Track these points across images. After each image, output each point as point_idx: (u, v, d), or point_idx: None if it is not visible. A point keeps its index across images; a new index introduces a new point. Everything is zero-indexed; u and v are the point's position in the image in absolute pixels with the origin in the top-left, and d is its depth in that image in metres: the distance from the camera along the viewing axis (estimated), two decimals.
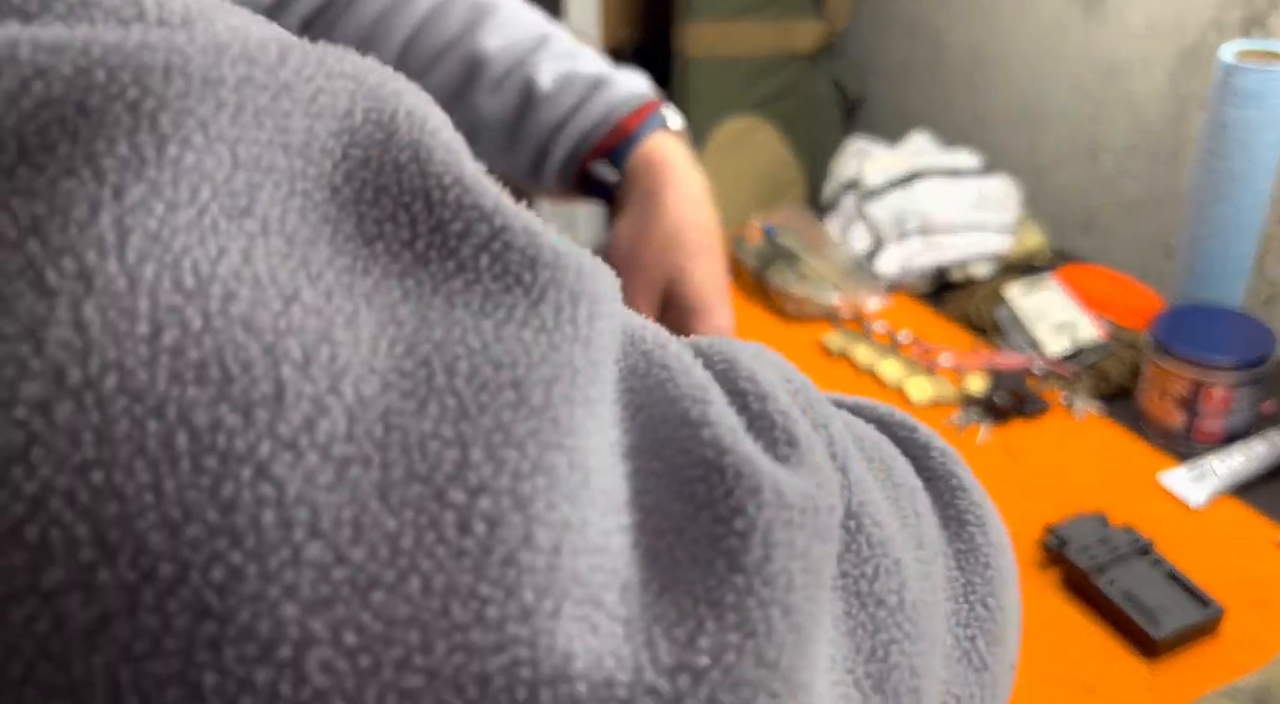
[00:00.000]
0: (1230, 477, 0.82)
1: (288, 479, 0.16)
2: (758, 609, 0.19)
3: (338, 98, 0.20)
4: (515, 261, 0.20)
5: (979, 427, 0.90)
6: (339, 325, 0.18)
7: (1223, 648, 0.70)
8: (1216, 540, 0.78)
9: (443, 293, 0.19)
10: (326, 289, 0.18)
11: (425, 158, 0.20)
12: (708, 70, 1.29)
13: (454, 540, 0.17)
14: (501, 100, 0.58)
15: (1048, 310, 0.99)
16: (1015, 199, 1.11)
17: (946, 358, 0.97)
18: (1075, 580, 0.73)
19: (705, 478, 0.20)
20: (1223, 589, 0.72)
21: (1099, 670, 0.69)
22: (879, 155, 1.17)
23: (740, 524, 0.19)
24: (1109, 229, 1.15)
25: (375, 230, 0.19)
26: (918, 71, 1.34)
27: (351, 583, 0.16)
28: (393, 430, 0.17)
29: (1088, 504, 0.80)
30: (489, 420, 0.18)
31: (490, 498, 0.17)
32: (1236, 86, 0.83)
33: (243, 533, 0.16)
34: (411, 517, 0.17)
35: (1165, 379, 0.85)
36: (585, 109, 0.56)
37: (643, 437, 0.21)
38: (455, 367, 0.18)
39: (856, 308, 1.05)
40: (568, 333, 0.20)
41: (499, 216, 0.20)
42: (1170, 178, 1.07)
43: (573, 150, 0.57)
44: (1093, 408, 0.91)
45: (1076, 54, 1.12)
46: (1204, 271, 0.91)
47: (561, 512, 0.18)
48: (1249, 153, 0.84)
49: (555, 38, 0.60)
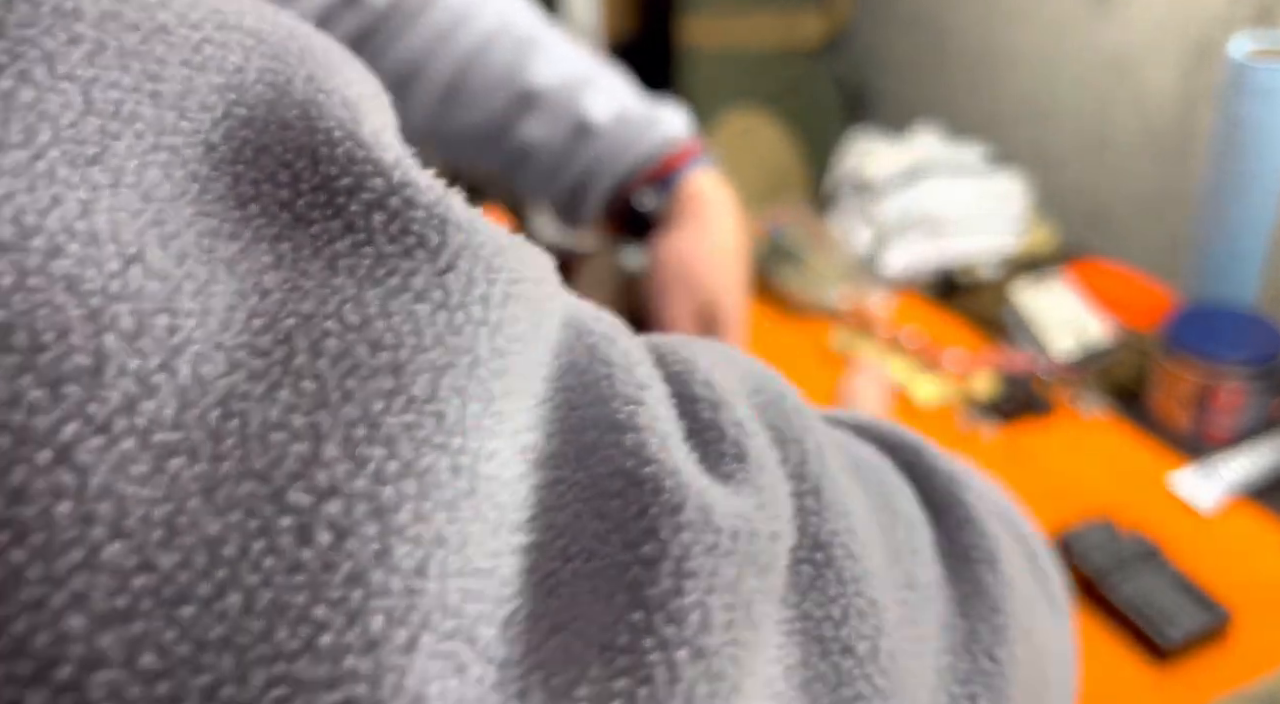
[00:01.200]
0: (1240, 478, 0.81)
1: (93, 467, 0.14)
2: (657, 651, 0.16)
3: (228, 51, 0.17)
4: (418, 220, 0.17)
5: (984, 427, 0.89)
6: (186, 293, 0.15)
7: (1232, 653, 0.69)
8: (1226, 543, 0.77)
9: (324, 257, 0.17)
10: (180, 252, 0.16)
11: (315, 114, 0.18)
12: (709, 64, 1.28)
13: (288, 551, 0.14)
14: (551, 131, 0.61)
15: (1055, 309, 0.97)
16: (1022, 196, 1.10)
17: (952, 357, 0.96)
18: (1082, 586, 0.73)
19: (621, 493, 0.17)
20: (1232, 592, 0.71)
21: (1107, 676, 0.68)
22: (883, 152, 1.16)
23: (649, 550, 0.17)
24: (1118, 225, 1.14)
25: (251, 191, 0.17)
26: (923, 66, 1.33)
27: (156, 594, 0.14)
28: (231, 417, 0.15)
29: (1095, 506, 0.79)
30: (353, 410, 0.15)
31: (340, 502, 0.15)
32: (1247, 84, 0.82)
33: (29, 527, 0.14)
34: (239, 519, 0.14)
35: (1174, 379, 0.84)
36: (639, 144, 0.60)
37: (567, 442, 0.18)
38: (321, 345, 0.16)
39: (860, 306, 1.04)
40: (474, 314, 0.17)
41: (399, 171, 0.17)
42: (1180, 174, 1.06)
43: (621, 180, 0.60)
44: (1100, 408, 0.90)
45: (1085, 48, 1.11)
46: (1214, 269, 0.90)
47: (433, 525, 0.15)
48: (1260, 151, 0.84)
49: (601, 73, 0.63)
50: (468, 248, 0.17)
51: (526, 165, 0.61)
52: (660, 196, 0.59)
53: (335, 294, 0.16)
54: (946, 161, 1.12)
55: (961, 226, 1.07)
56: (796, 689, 0.20)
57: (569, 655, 0.16)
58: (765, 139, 1.32)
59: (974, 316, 1.02)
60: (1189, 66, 1.01)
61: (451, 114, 0.62)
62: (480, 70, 0.61)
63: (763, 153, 1.32)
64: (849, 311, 1.03)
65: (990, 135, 1.25)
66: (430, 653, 0.15)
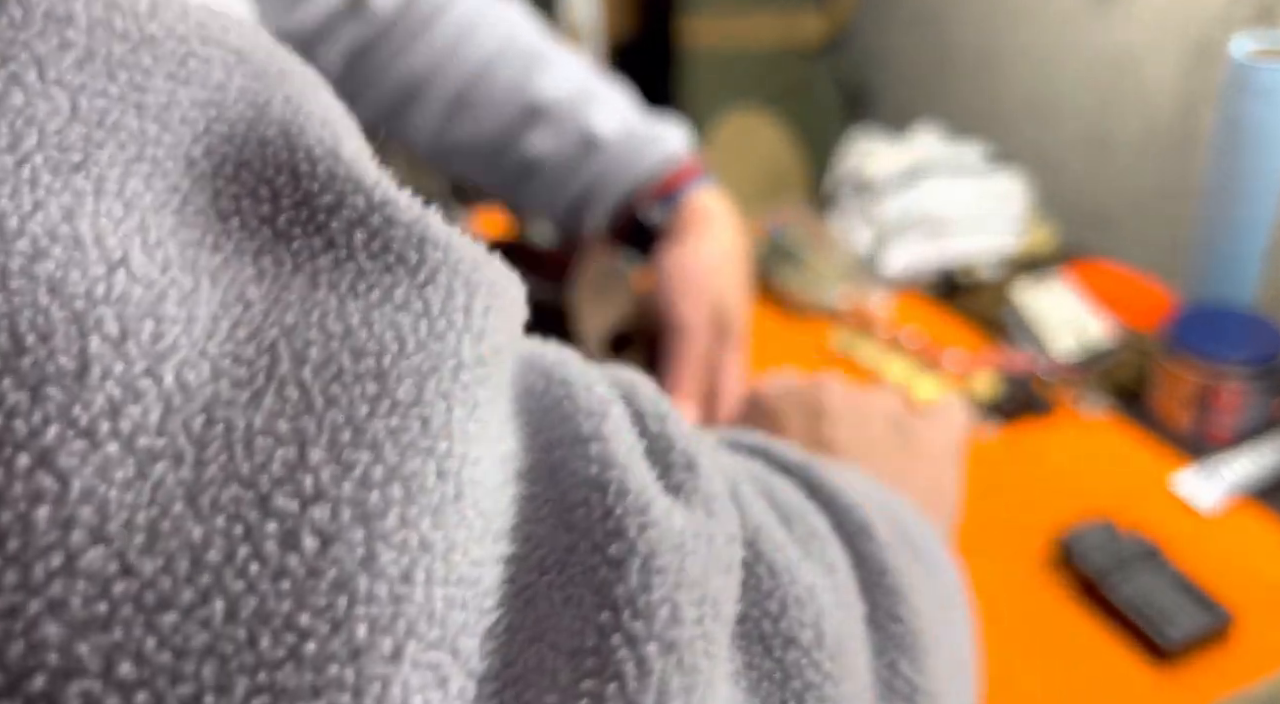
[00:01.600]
0: (1241, 478, 0.81)
1: (75, 471, 0.14)
2: (625, 648, 0.16)
3: (211, 67, 0.17)
4: (398, 239, 0.17)
5: (985, 427, 0.89)
6: (171, 300, 0.15)
7: (1233, 654, 0.69)
8: (1227, 544, 0.77)
9: (306, 272, 0.17)
10: (164, 260, 0.16)
11: (295, 132, 0.18)
12: (709, 64, 1.28)
13: (274, 556, 0.14)
14: (558, 144, 0.61)
15: (1056, 309, 0.97)
16: (1022, 196, 1.10)
17: (952, 357, 0.96)
18: (1083, 586, 0.73)
19: (587, 500, 0.18)
20: (1233, 593, 0.71)
21: (1108, 677, 0.68)
22: (883, 152, 1.16)
23: (616, 549, 0.17)
24: (1119, 224, 1.14)
25: (232, 206, 0.17)
26: (924, 65, 1.33)
27: (136, 601, 0.14)
28: (216, 423, 0.15)
29: (1096, 506, 0.79)
30: (338, 415, 0.15)
31: (327, 507, 0.15)
32: (1248, 83, 0.82)
33: (5, 532, 0.13)
34: (224, 524, 0.14)
35: (1175, 379, 0.84)
36: (644, 159, 0.60)
37: (540, 459, 0.18)
38: (305, 353, 0.16)
39: (860, 306, 1.03)
40: (456, 322, 0.17)
41: (379, 191, 0.18)
42: (1181, 172, 1.05)
43: (625, 195, 0.61)
44: (1101, 408, 0.90)
45: (1085, 48, 1.11)
46: (1215, 269, 0.90)
47: (419, 530, 0.15)
48: (1261, 150, 0.84)
49: (605, 88, 0.64)
50: (446, 264, 0.17)
51: (531, 179, 0.62)
52: (665, 212, 0.60)
53: (317, 307, 0.16)
54: (947, 161, 1.12)
55: (962, 226, 1.07)
56: (744, 693, 0.20)
57: (542, 667, 0.16)
58: (765, 139, 1.32)
59: (974, 316, 1.02)
60: (1189, 66, 1.01)
61: (458, 127, 0.62)
62: (488, 84, 0.62)
63: (763, 153, 1.32)
64: (849, 311, 1.03)
65: (991, 135, 1.25)
66: (414, 662, 0.15)
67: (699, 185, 0.61)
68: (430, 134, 0.63)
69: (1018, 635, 0.72)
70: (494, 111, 0.62)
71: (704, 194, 0.61)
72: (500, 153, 0.62)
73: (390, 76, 0.62)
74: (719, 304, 0.56)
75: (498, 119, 0.62)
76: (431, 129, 0.63)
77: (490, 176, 0.64)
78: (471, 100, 0.62)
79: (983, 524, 0.81)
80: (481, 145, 0.62)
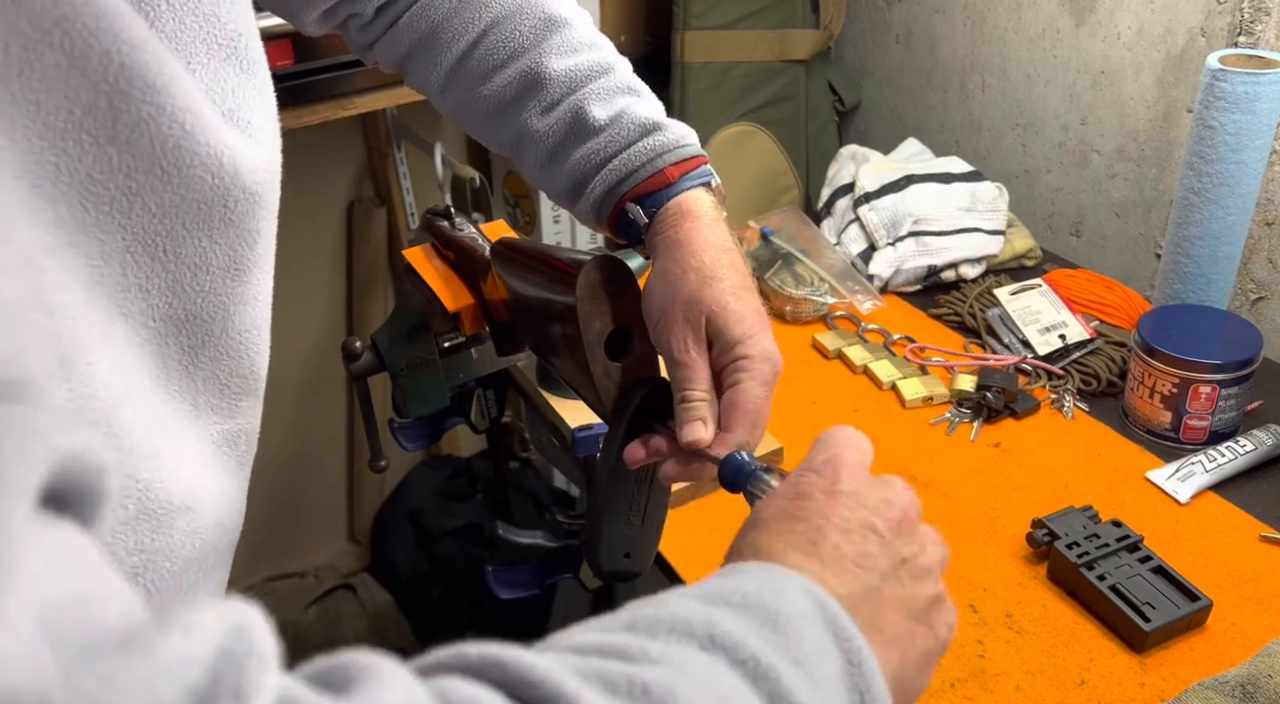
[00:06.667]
0: (1216, 474, 0.83)
1: None
2: None
3: None
4: None
5: (970, 425, 0.91)
6: None
7: (1210, 640, 0.71)
8: (1203, 536, 0.79)
9: None
10: None
11: None
12: (705, 77, 1.30)
13: None
14: (551, 122, 0.58)
15: (1037, 311, 1.00)
16: (1006, 202, 1.13)
17: (938, 358, 0.99)
18: (1065, 575, 0.75)
19: None
20: (1209, 583, 0.74)
21: (1089, 663, 0.70)
22: (873, 161, 1.19)
23: None
24: (1098, 231, 1.17)
25: None
26: (912, 78, 1.36)
27: None
28: None
29: (1077, 501, 0.81)
30: None
31: None
32: (1223, 92, 0.84)
33: None
34: None
35: (1153, 379, 0.86)
36: (633, 151, 0.56)
37: None
38: None
39: (851, 309, 1.06)
40: None
41: None
42: (1158, 181, 1.08)
43: (613, 188, 0.56)
44: (1082, 407, 0.93)
45: (1067, 61, 1.14)
46: (1191, 273, 0.92)
47: None
48: (1235, 157, 0.86)
49: (618, 69, 0.59)
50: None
51: (529, 150, 0.59)
52: (650, 210, 0.55)
53: None
54: (933, 171, 1.15)
55: (947, 233, 1.09)
56: None
57: None
58: (759, 149, 1.35)
59: (960, 318, 1.04)
60: (1167, 77, 1.04)
61: (464, 80, 0.60)
62: (498, 41, 0.58)
63: (757, 162, 1.35)
64: (840, 315, 1.06)
65: (976, 144, 1.28)
66: None
67: (691, 182, 0.56)
68: (441, 82, 0.60)
69: (1002, 622, 0.74)
70: (499, 73, 0.58)
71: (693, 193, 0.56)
72: (500, 115, 0.59)
73: (404, 27, 0.59)
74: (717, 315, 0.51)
75: (502, 81, 0.58)
76: (443, 76, 0.60)
77: (494, 141, 0.61)
78: (480, 54, 0.59)
79: (968, 517, 0.83)
80: (485, 104, 0.59)
